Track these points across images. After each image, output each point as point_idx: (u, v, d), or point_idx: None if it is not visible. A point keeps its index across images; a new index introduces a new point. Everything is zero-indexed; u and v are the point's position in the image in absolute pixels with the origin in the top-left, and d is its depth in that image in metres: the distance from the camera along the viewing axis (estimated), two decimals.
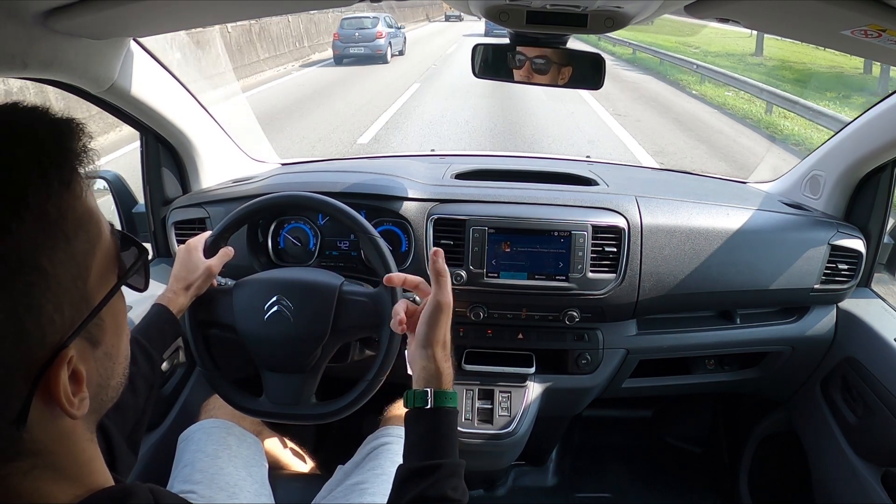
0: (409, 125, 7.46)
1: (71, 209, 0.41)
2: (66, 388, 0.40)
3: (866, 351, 1.29)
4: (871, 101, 1.28)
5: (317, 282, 1.02)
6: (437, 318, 0.76)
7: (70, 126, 0.43)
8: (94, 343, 0.44)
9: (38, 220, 0.39)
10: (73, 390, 0.41)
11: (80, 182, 0.43)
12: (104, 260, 0.45)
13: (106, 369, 0.46)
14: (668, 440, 1.90)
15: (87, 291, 0.43)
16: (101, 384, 0.46)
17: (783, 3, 0.69)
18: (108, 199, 1.40)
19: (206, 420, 1.12)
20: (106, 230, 0.46)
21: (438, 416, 0.72)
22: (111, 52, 1.00)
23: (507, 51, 1.06)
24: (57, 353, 0.40)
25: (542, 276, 1.23)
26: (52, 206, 0.40)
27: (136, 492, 0.46)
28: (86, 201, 0.43)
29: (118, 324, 0.48)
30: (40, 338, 0.39)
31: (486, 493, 1.69)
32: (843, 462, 1.31)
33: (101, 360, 0.45)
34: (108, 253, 0.46)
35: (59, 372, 0.40)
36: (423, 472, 0.67)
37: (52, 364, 0.40)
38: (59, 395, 0.40)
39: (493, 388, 1.32)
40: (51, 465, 0.42)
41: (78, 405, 0.42)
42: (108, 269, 0.45)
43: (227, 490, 1.00)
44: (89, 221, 0.43)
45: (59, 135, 0.42)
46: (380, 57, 13.22)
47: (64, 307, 0.41)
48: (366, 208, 1.27)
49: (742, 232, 1.28)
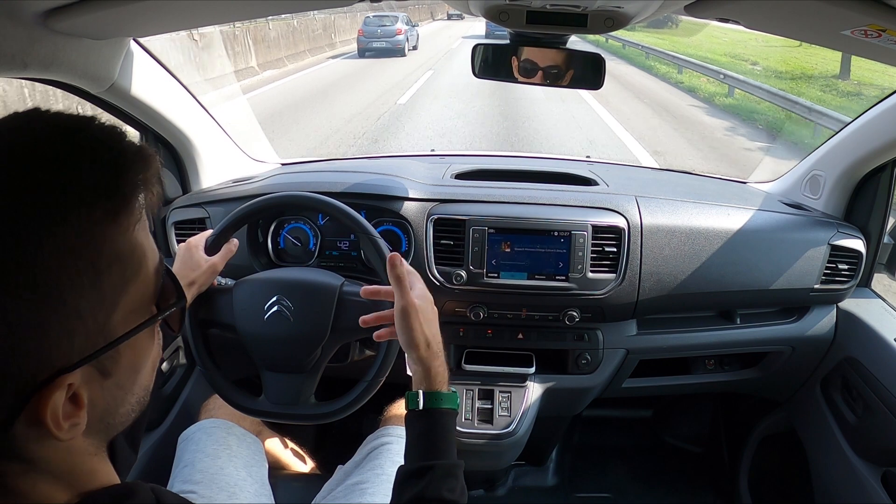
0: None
1: (109, 242, 0.40)
2: (57, 411, 0.39)
3: (866, 351, 1.29)
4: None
5: (317, 282, 1.02)
6: (407, 321, 0.77)
7: (140, 155, 0.42)
8: (105, 374, 0.43)
9: (68, 249, 0.38)
10: (68, 413, 0.40)
11: (131, 215, 0.41)
12: (138, 297, 0.43)
13: (114, 398, 0.45)
14: (668, 440, 1.90)
15: (108, 324, 0.41)
16: (107, 410, 0.45)
17: (783, 3, 0.69)
18: None
19: (206, 420, 1.12)
20: (149, 268, 0.44)
21: (432, 418, 0.73)
22: (111, 52, 1.00)
23: (507, 51, 1.06)
24: (55, 377, 0.39)
25: (542, 276, 1.23)
26: (87, 237, 0.38)
27: (137, 491, 0.46)
28: (133, 236, 0.42)
29: (138, 359, 0.46)
30: (40, 358, 0.38)
31: (486, 493, 1.69)
32: (843, 462, 1.31)
33: (111, 389, 0.44)
34: (146, 291, 0.44)
35: (52, 394, 0.39)
36: (418, 474, 0.68)
37: (46, 386, 0.38)
38: (44, 417, 0.39)
39: (493, 388, 1.33)
40: (48, 472, 0.42)
41: (67, 429, 0.40)
42: (140, 307, 0.44)
43: (227, 490, 1.00)
44: (130, 257, 0.42)
45: (121, 163, 0.40)
46: (398, 50, 14.96)
47: (75, 335, 0.39)
48: (366, 208, 1.27)
49: (742, 232, 1.28)
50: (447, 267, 1.25)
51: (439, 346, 0.80)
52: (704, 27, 17.21)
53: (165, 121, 1.26)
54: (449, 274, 1.24)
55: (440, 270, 1.25)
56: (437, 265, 1.25)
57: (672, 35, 19.66)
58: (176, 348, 1.32)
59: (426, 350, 0.77)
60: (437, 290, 1.25)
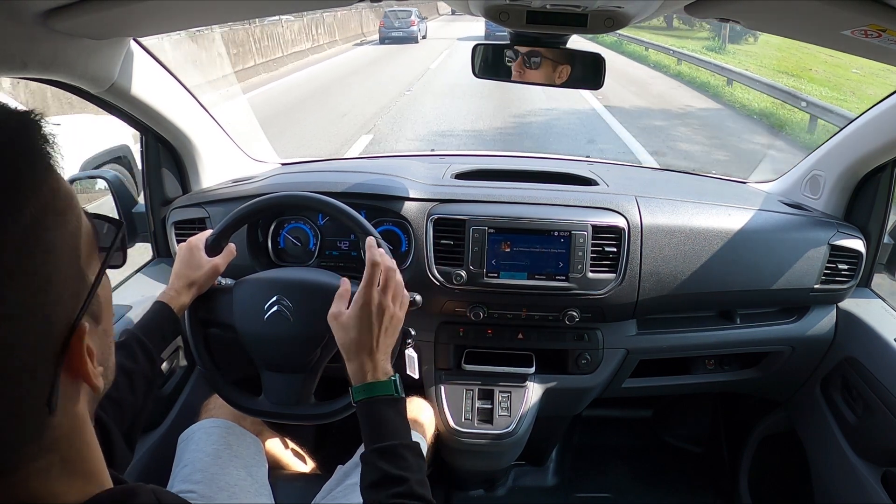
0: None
1: (59, 188, 0.42)
2: (86, 362, 0.42)
3: (866, 351, 1.29)
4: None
5: (317, 282, 1.02)
6: (357, 319, 0.83)
7: (33, 114, 0.44)
8: (96, 319, 0.46)
9: (39, 202, 0.40)
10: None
11: (55, 169, 0.44)
12: (88, 239, 0.46)
13: (106, 347, 0.48)
14: (668, 440, 1.90)
15: (81, 270, 0.44)
16: (102, 362, 0.47)
17: (783, 3, 0.69)
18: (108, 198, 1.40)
19: (206, 420, 1.12)
20: (82, 211, 0.47)
21: (370, 407, 0.79)
22: (111, 52, 1.00)
23: (507, 50, 1.06)
24: (74, 327, 0.41)
25: (542, 275, 1.23)
26: (45, 187, 0.41)
27: (139, 493, 0.46)
28: (65, 182, 0.44)
29: (108, 299, 0.50)
30: (56, 317, 0.41)
31: (486, 493, 1.69)
32: (843, 462, 1.31)
33: (102, 337, 0.47)
34: (89, 233, 0.47)
35: (80, 346, 0.42)
36: (365, 460, 0.76)
37: (71, 338, 0.41)
38: (85, 368, 0.42)
39: (493, 388, 1.33)
40: (67, 461, 0.43)
41: (99, 377, 0.44)
42: (92, 249, 0.47)
43: (227, 490, 1.00)
44: (72, 202, 0.44)
45: (28, 123, 0.43)
46: (413, 38, 18.84)
47: (69, 285, 0.42)
48: (366, 208, 1.27)
49: (742, 232, 1.28)
50: (447, 267, 1.25)
51: (385, 353, 0.83)
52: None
53: (165, 121, 1.26)
54: (449, 274, 1.24)
55: (440, 270, 1.25)
56: (437, 265, 1.25)
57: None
58: (176, 348, 1.32)
59: (365, 354, 0.81)
60: (437, 289, 1.25)
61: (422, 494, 0.72)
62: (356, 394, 0.80)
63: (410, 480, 0.72)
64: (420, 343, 1.33)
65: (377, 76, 12.34)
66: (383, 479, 0.72)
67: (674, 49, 13.98)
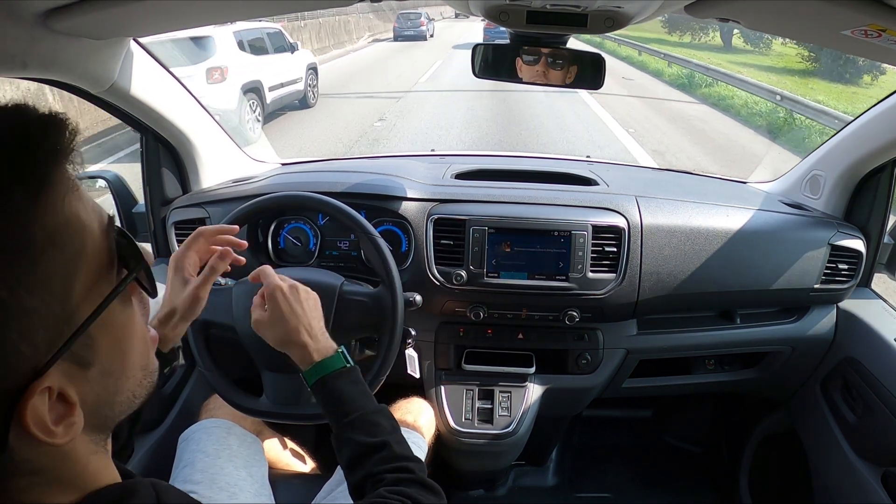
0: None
1: (38, 225, 0.36)
2: (43, 418, 0.36)
3: (866, 351, 1.28)
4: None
5: (317, 282, 1.02)
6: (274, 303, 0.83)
7: (48, 124, 0.37)
8: (84, 364, 0.39)
9: (21, 230, 0.35)
10: (62, 413, 0.38)
11: (57, 189, 0.37)
12: (93, 270, 0.39)
13: (105, 388, 0.42)
14: (668, 440, 1.90)
15: (68, 309, 0.38)
16: (100, 402, 0.42)
17: (783, 3, 0.69)
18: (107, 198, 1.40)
19: (207, 420, 1.12)
20: (95, 236, 0.40)
21: (325, 386, 0.78)
22: (111, 52, 1.00)
23: (507, 51, 1.06)
24: (26, 386, 0.36)
25: (542, 275, 1.23)
26: (5, 230, 0.34)
27: (138, 490, 0.45)
28: (65, 209, 0.37)
29: (118, 338, 0.42)
30: (6, 370, 0.35)
31: (486, 493, 1.69)
32: (843, 462, 1.31)
33: (97, 379, 0.41)
34: (100, 261, 0.40)
35: (29, 404, 0.36)
36: (337, 439, 0.75)
37: (20, 397, 0.35)
38: (28, 427, 0.36)
39: (493, 388, 1.33)
40: (53, 480, 0.40)
41: (63, 432, 0.38)
42: (100, 280, 0.40)
43: (228, 490, 1.00)
44: (66, 232, 0.37)
45: (27, 141, 0.36)
46: (422, 37, 21.65)
47: (33, 334, 0.36)
48: (366, 208, 1.27)
49: (742, 232, 1.28)
50: (447, 267, 1.24)
51: (321, 331, 0.83)
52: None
53: (165, 121, 1.26)
54: (449, 274, 1.24)
55: (440, 270, 1.25)
56: (437, 265, 1.25)
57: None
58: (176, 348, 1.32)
59: (300, 337, 0.80)
60: (437, 290, 1.25)
61: (405, 454, 0.71)
62: (308, 377, 0.79)
63: (389, 443, 0.71)
64: (420, 343, 1.33)
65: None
66: (363, 450, 0.71)
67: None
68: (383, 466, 0.69)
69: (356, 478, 0.70)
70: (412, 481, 0.68)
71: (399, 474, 0.68)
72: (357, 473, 0.70)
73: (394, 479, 0.68)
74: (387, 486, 0.66)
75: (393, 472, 0.69)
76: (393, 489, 0.65)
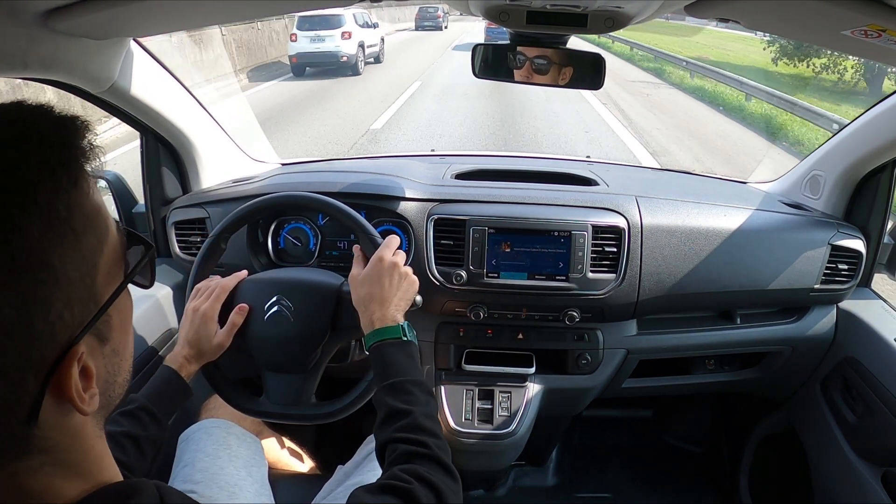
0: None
1: (79, 206, 0.42)
2: (77, 384, 0.41)
3: (866, 351, 1.29)
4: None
5: (317, 282, 1.02)
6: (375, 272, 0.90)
7: (75, 123, 0.43)
8: (103, 340, 0.45)
9: (47, 218, 0.39)
10: (84, 386, 0.42)
11: (87, 179, 0.43)
12: (111, 257, 0.45)
13: (113, 366, 0.47)
14: (668, 440, 1.90)
15: (95, 289, 0.43)
16: (108, 381, 0.46)
17: (783, 3, 0.69)
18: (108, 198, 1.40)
19: (207, 420, 1.12)
20: (112, 228, 0.46)
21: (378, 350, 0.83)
22: (111, 52, 1.00)
23: (507, 51, 1.06)
24: (67, 349, 0.40)
25: (542, 276, 1.23)
26: (60, 204, 0.40)
27: (142, 488, 0.46)
28: (93, 198, 0.44)
29: (124, 321, 0.48)
30: (51, 335, 0.39)
31: (486, 493, 1.69)
32: (843, 462, 1.31)
33: (109, 356, 0.46)
34: (115, 250, 0.46)
35: (70, 369, 0.40)
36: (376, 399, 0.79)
37: (62, 361, 0.40)
38: (70, 392, 0.40)
39: (493, 388, 1.32)
40: (61, 462, 0.42)
41: (88, 401, 0.42)
42: (114, 267, 0.46)
43: (227, 490, 1.00)
44: (97, 218, 0.44)
45: (64, 132, 0.42)
46: (439, 27, 26.73)
47: (73, 304, 0.41)
48: (366, 208, 1.27)
49: (742, 232, 1.28)
50: (447, 267, 1.25)
51: (397, 307, 0.87)
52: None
53: (165, 121, 1.26)
54: (449, 274, 1.24)
55: (440, 270, 1.25)
56: (437, 265, 1.25)
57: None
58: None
59: (375, 305, 0.86)
60: (437, 290, 1.25)
61: (428, 427, 0.73)
62: (367, 340, 0.84)
63: (415, 413, 0.73)
64: (420, 343, 1.32)
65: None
66: (390, 414, 0.74)
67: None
68: (402, 435, 0.71)
69: (379, 440, 0.74)
70: (426, 457, 0.69)
71: (414, 447, 0.70)
72: (381, 436, 0.73)
73: (406, 452, 0.70)
74: (399, 465, 0.68)
75: (409, 443, 0.71)
76: (404, 467, 0.67)
